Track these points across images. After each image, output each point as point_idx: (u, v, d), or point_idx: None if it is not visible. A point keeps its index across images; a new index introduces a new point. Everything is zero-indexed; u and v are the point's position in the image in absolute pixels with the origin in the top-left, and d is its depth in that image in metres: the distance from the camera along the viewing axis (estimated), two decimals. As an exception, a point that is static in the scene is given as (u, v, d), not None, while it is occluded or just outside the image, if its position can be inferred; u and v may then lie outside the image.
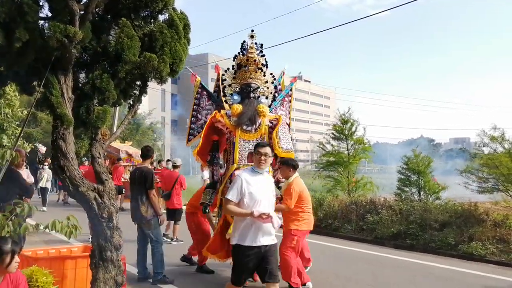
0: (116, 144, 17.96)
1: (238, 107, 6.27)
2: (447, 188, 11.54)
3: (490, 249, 8.39)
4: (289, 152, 6.29)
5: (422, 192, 11.55)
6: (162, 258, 6.19)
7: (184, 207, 8.98)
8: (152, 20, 5.13)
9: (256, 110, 6.28)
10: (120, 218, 4.40)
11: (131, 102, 5.17)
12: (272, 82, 6.98)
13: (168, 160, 15.98)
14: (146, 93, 5.23)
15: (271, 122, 6.49)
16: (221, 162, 7.17)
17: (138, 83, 5.25)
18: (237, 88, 6.72)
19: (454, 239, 8.99)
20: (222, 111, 6.46)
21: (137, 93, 5.21)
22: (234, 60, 6.82)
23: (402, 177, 12.13)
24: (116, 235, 4.58)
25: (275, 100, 6.95)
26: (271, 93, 6.88)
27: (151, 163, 9.14)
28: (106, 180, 4.57)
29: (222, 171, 6.93)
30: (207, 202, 6.34)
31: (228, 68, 6.95)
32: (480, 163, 10.60)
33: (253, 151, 5.77)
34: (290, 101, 7.31)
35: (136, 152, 18.51)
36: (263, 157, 4.34)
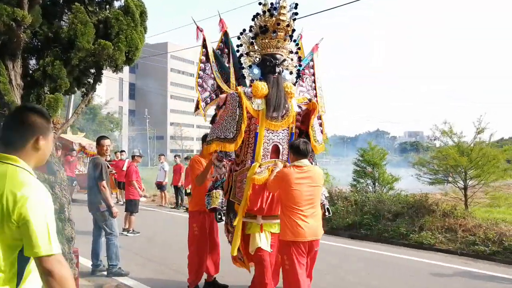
0: (69, 136, 17.57)
1: (264, 87, 4.76)
2: (400, 180, 11.93)
3: (439, 238, 8.75)
4: (322, 145, 5.13)
5: (376, 184, 11.89)
6: (117, 251, 6.09)
7: (143, 199, 9.06)
8: (107, 6, 4.99)
9: (284, 91, 4.85)
10: (74, 210, 4.28)
11: (85, 91, 5.02)
12: (296, 53, 5.30)
13: (122, 151, 15.70)
14: (100, 81, 5.09)
15: (299, 107, 5.05)
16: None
17: (93, 71, 5.11)
18: (257, 59, 5.05)
19: (405, 228, 9.32)
20: (239, 89, 4.85)
21: (91, 81, 5.07)
22: (254, 20, 5.04)
23: (358, 168, 12.44)
24: (68, 227, 4.47)
25: (299, 75, 5.33)
26: (295, 66, 5.22)
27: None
28: (58, 170, 4.44)
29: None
30: (219, 207, 4.85)
31: (244, 30, 5.14)
32: (431, 156, 11.02)
33: (279, 144, 4.85)
34: (313, 74, 5.71)
35: (90, 143, 18.12)
36: None
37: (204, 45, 5.20)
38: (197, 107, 5.24)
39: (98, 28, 4.88)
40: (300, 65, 5.32)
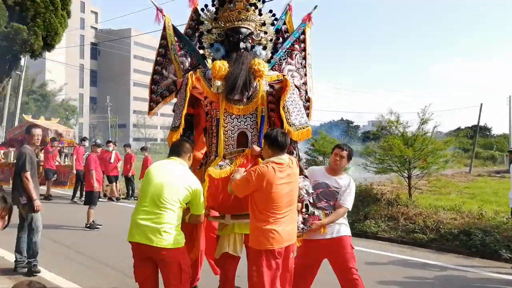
0: (43, 122, 15.54)
1: (223, 66, 4.17)
2: (349, 169, 12.02)
3: (381, 227, 8.90)
4: (303, 129, 4.25)
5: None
6: (35, 247, 5.72)
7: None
8: (24, -13, 4.68)
9: (250, 69, 4.22)
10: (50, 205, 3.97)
11: (-1, 77, 4.73)
12: (273, 24, 4.68)
13: (109, 142, 14.00)
14: (17, 67, 4.81)
15: (271, 87, 4.37)
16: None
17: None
18: (221, 36, 4.52)
19: (351, 218, 9.40)
20: (198, 71, 4.32)
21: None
22: None
23: (309, 158, 12.48)
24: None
25: (277, 50, 4.72)
26: (270, 40, 4.63)
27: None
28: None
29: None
30: None
31: (206, 6, 4.61)
32: (378, 146, 11.17)
33: (246, 131, 4.24)
34: (304, 50, 4.87)
35: (68, 130, 16.63)
36: None
37: (165, 28, 4.64)
38: (150, 108, 4.76)
39: (13, 11, 4.57)
40: (278, 38, 4.77)
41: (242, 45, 4.37)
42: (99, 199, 9.75)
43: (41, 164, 13.58)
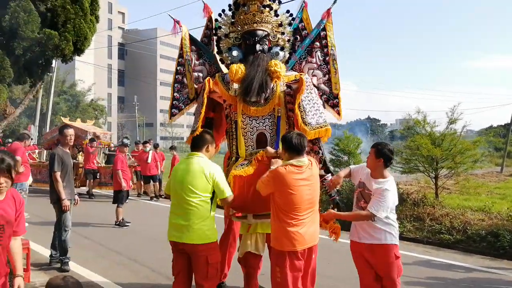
0: (79, 124, 15.65)
1: (239, 69, 4.26)
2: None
3: (407, 227, 8.82)
4: (321, 128, 4.33)
5: (351, 173, 11.87)
6: (65, 245, 5.90)
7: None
8: (56, -6, 4.87)
9: (267, 71, 4.28)
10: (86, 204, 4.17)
11: (33, 81, 4.95)
12: (290, 24, 4.72)
13: (146, 142, 14.20)
14: (49, 71, 5.05)
15: (289, 87, 4.41)
16: None
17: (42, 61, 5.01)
18: (237, 39, 4.59)
19: (376, 218, 9.35)
20: (217, 75, 4.50)
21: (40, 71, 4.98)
22: None
23: (333, 157, 12.43)
24: None
25: (295, 50, 4.76)
26: (288, 41, 4.66)
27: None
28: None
29: None
30: None
31: (223, 10, 4.72)
32: (405, 145, 11.05)
33: (265, 132, 4.31)
34: (326, 46, 4.72)
35: (105, 132, 16.85)
36: None
37: (184, 38, 4.80)
38: (171, 114, 4.95)
39: (46, 17, 4.78)
40: (296, 37, 4.79)
41: (258, 47, 4.44)
42: (129, 198, 9.96)
43: (80, 166, 13.93)
